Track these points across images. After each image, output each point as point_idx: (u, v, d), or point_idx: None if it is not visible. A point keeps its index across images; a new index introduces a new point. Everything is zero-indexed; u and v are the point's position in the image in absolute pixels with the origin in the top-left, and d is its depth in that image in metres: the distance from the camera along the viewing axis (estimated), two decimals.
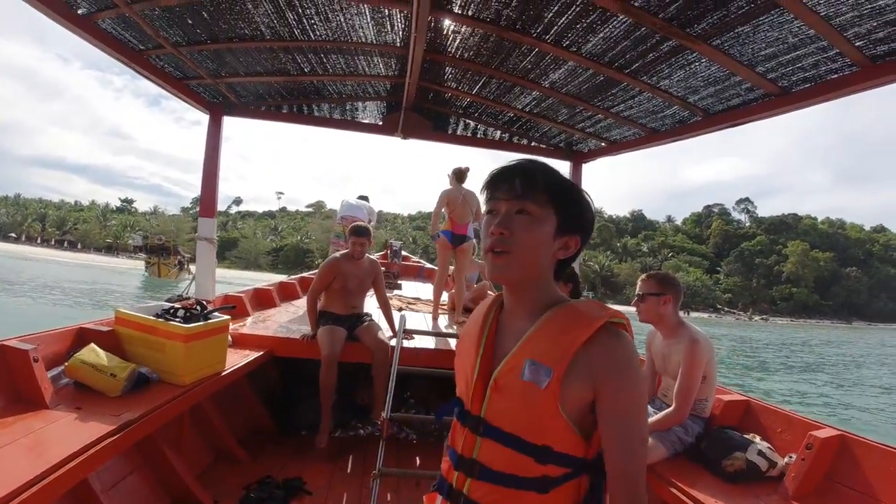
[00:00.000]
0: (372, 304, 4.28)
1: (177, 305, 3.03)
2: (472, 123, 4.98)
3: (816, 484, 2.19)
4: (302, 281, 6.41)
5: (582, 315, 0.96)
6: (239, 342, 3.67)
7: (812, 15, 2.15)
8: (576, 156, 5.05)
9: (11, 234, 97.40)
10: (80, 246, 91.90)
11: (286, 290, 5.90)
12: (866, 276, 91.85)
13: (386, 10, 3.10)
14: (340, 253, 4.08)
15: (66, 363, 2.47)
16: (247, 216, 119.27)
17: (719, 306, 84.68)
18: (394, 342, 3.64)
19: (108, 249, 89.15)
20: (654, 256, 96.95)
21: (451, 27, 3.20)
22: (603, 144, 4.64)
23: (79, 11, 3.00)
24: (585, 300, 1.04)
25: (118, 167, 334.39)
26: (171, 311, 2.94)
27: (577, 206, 1.02)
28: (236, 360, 3.28)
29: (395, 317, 4.11)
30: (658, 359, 2.75)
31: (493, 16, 2.93)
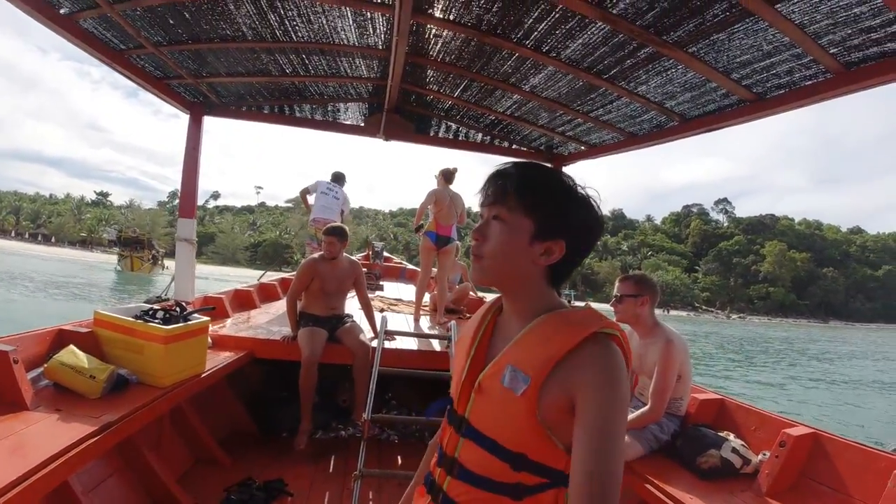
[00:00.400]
0: (353, 305, 4.28)
1: (156, 307, 3.01)
2: (453, 126, 5.00)
3: (790, 480, 2.25)
4: (282, 282, 6.38)
5: (570, 325, 0.95)
6: (219, 344, 3.65)
7: (786, 23, 2.20)
8: (556, 158, 5.10)
9: None
10: (53, 240, 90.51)
11: (266, 292, 5.87)
12: (843, 276, 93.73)
13: (368, 14, 3.12)
14: (318, 254, 4.09)
15: (46, 365, 2.45)
16: (224, 211, 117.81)
17: (697, 305, 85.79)
18: (375, 343, 3.65)
19: (83, 243, 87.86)
20: (634, 255, 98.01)
21: (432, 31, 3.22)
22: (583, 147, 4.70)
23: (61, 11, 2.98)
24: (579, 308, 1.03)
25: (94, 160, 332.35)
26: (151, 312, 2.92)
27: (557, 211, 0.97)
28: (216, 361, 3.26)
29: (377, 318, 4.12)
30: (634, 358, 2.79)
31: (474, 20, 2.96)
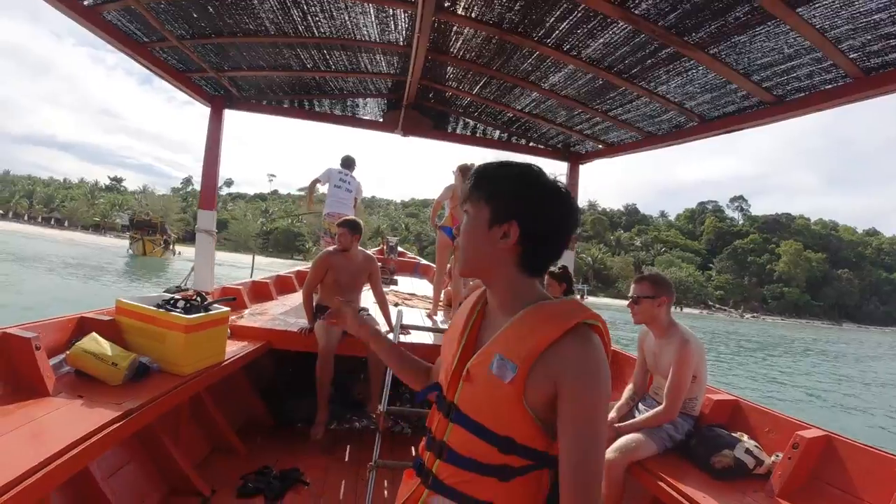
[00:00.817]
0: (368, 298, 4.32)
1: (177, 296, 3.07)
2: (471, 122, 5.02)
3: (802, 482, 2.26)
4: (298, 274, 6.45)
5: (554, 316, 0.99)
6: (237, 334, 3.70)
7: (807, 27, 2.20)
8: (573, 157, 5.11)
9: None
10: (66, 224, 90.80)
11: (283, 284, 5.94)
12: (858, 278, 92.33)
13: (390, 10, 3.14)
14: (332, 247, 4.12)
15: (68, 351, 2.49)
16: (238, 198, 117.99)
17: (710, 303, 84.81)
18: (390, 337, 3.69)
19: (96, 228, 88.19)
20: (647, 251, 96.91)
21: (454, 28, 3.23)
22: (600, 146, 4.70)
23: (85, 2, 3.00)
24: (563, 300, 1.06)
25: (109, 146, 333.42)
26: (172, 301, 2.97)
27: (507, 194, 1.02)
28: (234, 351, 3.32)
29: (392, 312, 4.15)
30: (650, 357, 2.81)
31: (496, 18, 2.97)
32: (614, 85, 3.38)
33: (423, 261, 10.32)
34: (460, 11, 2.98)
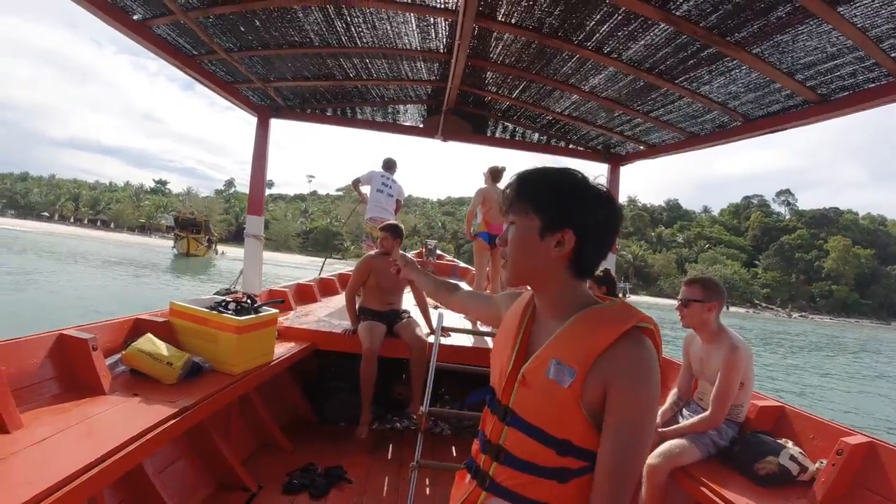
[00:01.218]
0: (409, 300, 4.40)
1: (228, 298, 3.20)
2: (510, 126, 5.03)
3: (845, 489, 2.20)
4: (340, 277, 6.60)
5: (608, 320, 1.01)
6: (284, 335, 3.82)
7: (849, 26, 2.17)
8: (613, 158, 5.06)
9: (44, 213, 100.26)
10: (112, 225, 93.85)
11: (326, 286, 6.09)
12: None
13: (431, 19, 3.19)
14: (374, 251, 4.22)
15: (124, 351, 2.60)
16: (278, 199, 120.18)
17: (757, 301, 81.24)
18: (431, 339, 3.75)
19: (142, 229, 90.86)
20: (690, 248, 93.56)
21: (494, 34, 3.26)
22: (642, 147, 4.64)
23: (134, 17, 3.12)
24: (615, 303, 1.06)
25: (152, 150, 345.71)
26: (223, 304, 3.10)
27: (557, 203, 1.03)
28: (282, 352, 3.43)
29: (433, 315, 4.21)
30: (696, 362, 2.75)
31: (535, 23, 2.99)
32: (656, 86, 3.34)
33: (462, 264, 10.37)
34: (500, 18, 3.01)
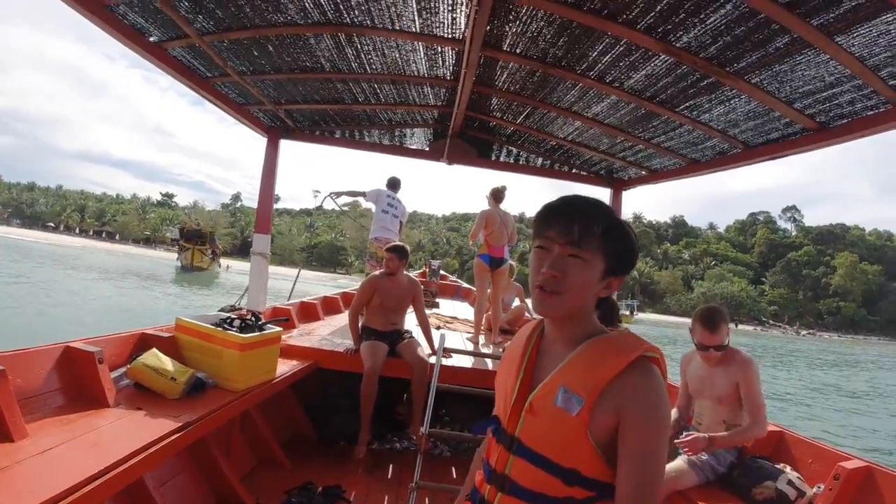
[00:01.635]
0: (411, 320, 4.43)
1: (233, 315, 3.24)
2: (514, 150, 5.11)
3: None
4: (344, 296, 6.63)
5: (617, 349, 1.02)
6: (286, 353, 3.83)
7: (846, 55, 2.23)
8: (616, 183, 5.13)
9: (49, 224, 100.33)
10: (117, 237, 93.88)
11: (329, 305, 6.13)
12: None
13: (439, 48, 3.29)
14: (379, 271, 4.26)
15: (129, 365, 2.63)
16: (283, 213, 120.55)
17: (764, 319, 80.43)
18: (433, 360, 3.77)
19: (146, 241, 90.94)
20: (696, 264, 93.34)
21: (499, 63, 3.35)
22: (643, 173, 4.71)
23: (150, 39, 3.22)
24: (621, 332, 1.07)
25: (161, 163, 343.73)
26: (228, 321, 3.13)
27: (625, 250, 1.06)
28: (284, 369, 3.45)
29: (435, 335, 4.23)
30: (694, 381, 2.71)
31: (539, 54, 3.08)
32: (657, 114, 3.42)
33: (465, 284, 10.42)
34: (506, 48, 3.10)
